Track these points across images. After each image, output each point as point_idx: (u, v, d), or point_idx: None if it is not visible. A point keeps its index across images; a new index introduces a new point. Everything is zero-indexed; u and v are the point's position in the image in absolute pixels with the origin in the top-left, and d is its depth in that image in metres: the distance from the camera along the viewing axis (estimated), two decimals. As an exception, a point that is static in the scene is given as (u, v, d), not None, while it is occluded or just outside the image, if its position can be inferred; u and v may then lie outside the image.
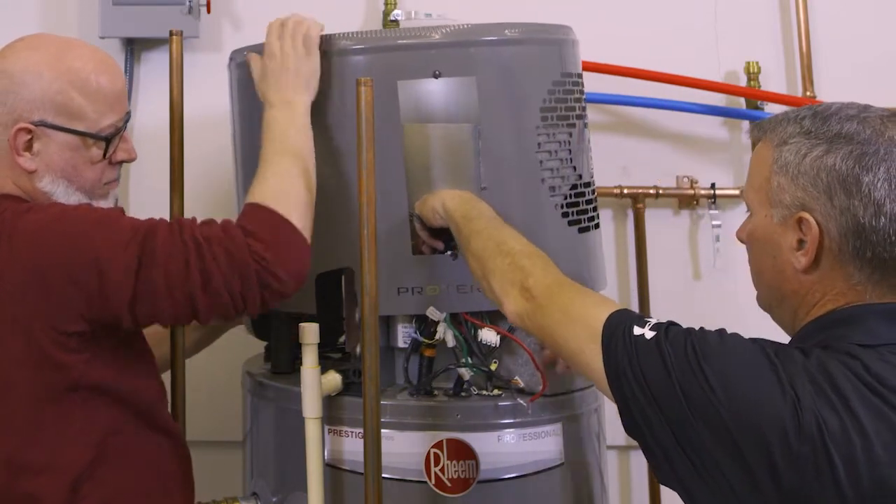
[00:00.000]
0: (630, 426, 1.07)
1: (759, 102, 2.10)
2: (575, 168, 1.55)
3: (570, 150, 1.54)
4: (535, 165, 1.51)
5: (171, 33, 1.60)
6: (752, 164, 1.16)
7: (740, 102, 2.13)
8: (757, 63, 2.10)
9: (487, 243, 1.33)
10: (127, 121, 1.43)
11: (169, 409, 1.52)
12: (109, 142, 1.39)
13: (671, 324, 1.09)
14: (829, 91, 2.10)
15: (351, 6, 2.15)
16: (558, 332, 1.18)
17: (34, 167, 1.37)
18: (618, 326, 1.10)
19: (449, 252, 1.47)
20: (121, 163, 1.44)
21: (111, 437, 1.33)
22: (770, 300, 1.15)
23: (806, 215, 1.06)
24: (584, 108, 1.60)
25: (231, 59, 1.65)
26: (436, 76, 1.47)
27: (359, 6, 2.15)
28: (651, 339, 1.06)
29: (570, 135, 1.55)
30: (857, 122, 1.07)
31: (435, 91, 1.47)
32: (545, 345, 1.27)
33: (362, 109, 1.36)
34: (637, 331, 1.07)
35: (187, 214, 1.60)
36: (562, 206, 1.53)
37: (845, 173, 1.04)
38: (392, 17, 2.07)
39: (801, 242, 1.07)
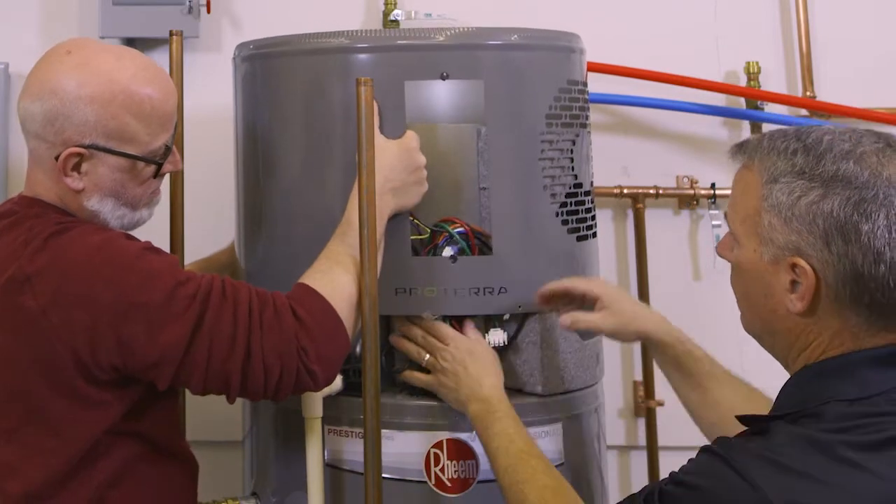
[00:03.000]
0: None
1: (759, 102, 2.10)
2: (576, 176, 1.55)
3: (572, 159, 1.54)
4: (537, 171, 1.50)
5: (171, 33, 1.60)
6: (736, 190, 1.12)
7: (740, 102, 2.13)
8: (757, 63, 2.10)
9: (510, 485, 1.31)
10: (174, 132, 1.39)
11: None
12: (162, 163, 1.36)
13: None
14: (829, 91, 2.11)
15: (351, 6, 2.15)
16: None
17: (81, 186, 1.33)
18: None
19: (449, 256, 1.47)
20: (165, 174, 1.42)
21: (126, 466, 1.32)
22: (760, 332, 1.13)
23: (801, 261, 1.03)
24: (587, 117, 1.60)
25: (236, 53, 1.65)
26: (443, 78, 1.46)
27: (359, 6, 2.16)
28: None
29: (573, 143, 1.55)
30: (854, 162, 1.02)
31: (442, 92, 1.47)
32: None
33: (362, 109, 1.36)
34: None
35: (187, 213, 1.61)
36: (562, 214, 1.53)
37: (843, 220, 1.01)
38: (392, 17, 2.07)
39: (794, 284, 1.05)
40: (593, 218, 1.61)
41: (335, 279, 1.36)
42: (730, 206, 1.14)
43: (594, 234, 1.61)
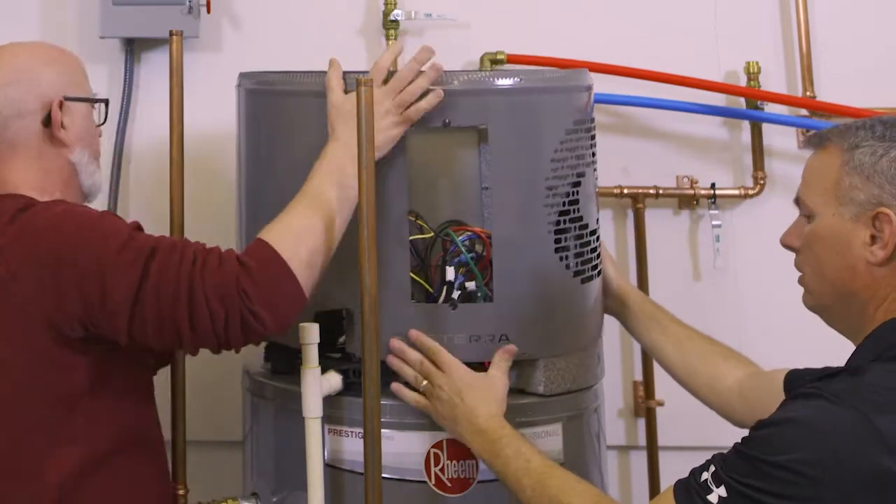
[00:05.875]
0: None
1: (759, 102, 2.10)
2: (582, 218, 1.52)
3: (578, 200, 1.52)
4: (542, 216, 1.49)
5: (171, 33, 1.60)
6: (812, 170, 1.22)
7: (740, 102, 2.13)
8: (757, 63, 2.10)
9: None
10: None
11: (166, 412, 1.53)
12: (107, 104, 1.54)
13: (722, 466, 1.10)
14: (830, 91, 2.10)
15: (351, 6, 2.15)
16: None
17: (70, 139, 1.45)
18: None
19: (448, 302, 1.46)
20: None
21: (101, 453, 1.34)
22: (830, 299, 1.20)
23: (885, 210, 1.13)
24: (594, 154, 1.58)
25: (239, 83, 1.65)
26: (445, 125, 1.44)
27: (359, 6, 2.15)
28: (726, 497, 1.07)
29: (579, 184, 1.52)
30: None
31: (444, 140, 1.44)
32: None
33: (362, 110, 1.36)
34: (712, 498, 1.09)
35: (187, 211, 1.61)
36: (566, 258, 1.50)
37: None
38: (392, 17, 2.07)
39: (874, 238, 1.14)
40: (598, 256, 1.58)
41: (287, 227, 1.37)
42: (803, 187, 1.23)
43: (598, 273, 1.58)
